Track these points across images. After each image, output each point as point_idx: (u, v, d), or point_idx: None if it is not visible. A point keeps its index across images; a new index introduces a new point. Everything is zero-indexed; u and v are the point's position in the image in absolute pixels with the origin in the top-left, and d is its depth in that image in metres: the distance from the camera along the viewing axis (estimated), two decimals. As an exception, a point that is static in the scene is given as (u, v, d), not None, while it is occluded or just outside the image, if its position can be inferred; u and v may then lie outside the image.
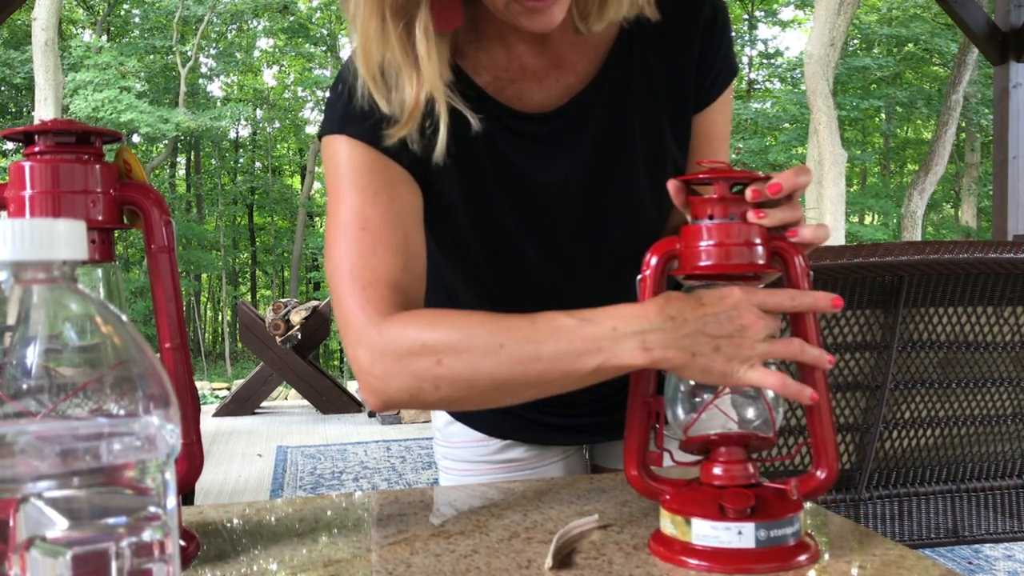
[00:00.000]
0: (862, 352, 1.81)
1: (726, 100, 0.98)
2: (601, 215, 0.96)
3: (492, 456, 1.15)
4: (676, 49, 0.93)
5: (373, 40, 0.80)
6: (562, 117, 0.92)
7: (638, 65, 0.93)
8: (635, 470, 0.77)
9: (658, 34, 0.91)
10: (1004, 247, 1.68)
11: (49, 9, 11.40)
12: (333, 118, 0.89)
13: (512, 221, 0.95)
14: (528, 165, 0.93)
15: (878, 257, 1.67)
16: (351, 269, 0.84)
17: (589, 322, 0.74)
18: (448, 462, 1.19)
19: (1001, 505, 1.96)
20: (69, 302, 0.43)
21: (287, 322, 6.52)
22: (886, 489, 1.92)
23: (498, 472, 1.16)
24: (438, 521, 0.83)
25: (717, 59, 0.95)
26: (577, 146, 0.93)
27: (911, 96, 17.18)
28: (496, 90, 0.92)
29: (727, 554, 0.69)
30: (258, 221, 21.90)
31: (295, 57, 19.97)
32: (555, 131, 0.93)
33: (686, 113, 0.96)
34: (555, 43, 0.91)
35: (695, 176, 0.74)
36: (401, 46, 0.80)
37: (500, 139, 0.92)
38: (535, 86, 0.92)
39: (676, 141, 0.97)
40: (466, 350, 0.77)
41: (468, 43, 0.91)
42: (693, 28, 0.93)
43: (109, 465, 0.41)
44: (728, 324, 0.70)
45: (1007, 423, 1.90)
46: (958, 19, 5.10)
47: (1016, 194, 5.04)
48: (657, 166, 0.95)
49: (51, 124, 0.69)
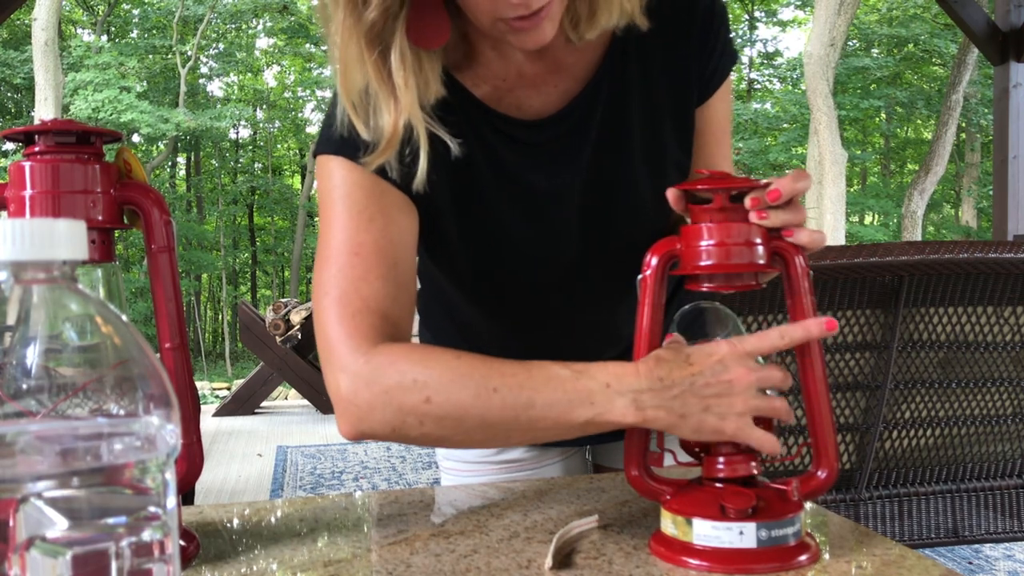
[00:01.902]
0: (862, 352, 1.81)
1: (726, 89, 0.98)
2: (603, 217, 0.96)
3: (492, 457, 1.16)
4: (674, 45, 0.93)
5: (352, 66, 0.79)
6: (561, 122, 0.92)
7: (636, 65, 0.92)
8: (636, 470, 0.77)
9: (656, 32, 0.90)
10: (1004, 247, 1.68)
11: (49, 9, 11.40)
12: (330, 138, 0.87)
13: (514, 229, 0.95)
14: (528, 172, 0.92)
15: (878, 257, 1.67)
16: (339, 296, 0.83)
17: (583, 375, 0.75)
18: (449, 463, 1.19)
19: (1001, 505, 1.96)
20: (69, 302, 0.43)
21: (287, 322, 6.51)
22: (886, 489, 1.92)
23: (498, 472, 1.16)
24: (438, 521, 0.83)
25: (716, 50, 0.94)
26: (577, 150, 0.93)
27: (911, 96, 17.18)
28: (495, 100, 0.91)
29: (728, 554, 0.69)
30: (258, 221, 21.90)
31: (295, 57, 19.96)
32: (554, 136, 0.92)
33: (688, 109, 0.96)
34: (552, 49, 0.90)
35: (693, 185, 0.74)
36: (377, 73, 0.79)
37: (500, 149, 0.91)
38: (533, 93, 0.92)
39: (678, 139, 0.96)
40: (457, 391, 0.76)
41: (463, 56, 0.90)
42: (690, 23, 0.92)
43: (109, 465, 0.41)
44: (716, 382, 0.71)
45: (1007, 423, 1.90)
46: (958, 19, 5.10)
47: (1016, 194, 5.04)
48: (658, 166, 0.95)
49: (51, 124, 0.68)
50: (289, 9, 18.29)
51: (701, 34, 0.93)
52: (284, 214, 21.16)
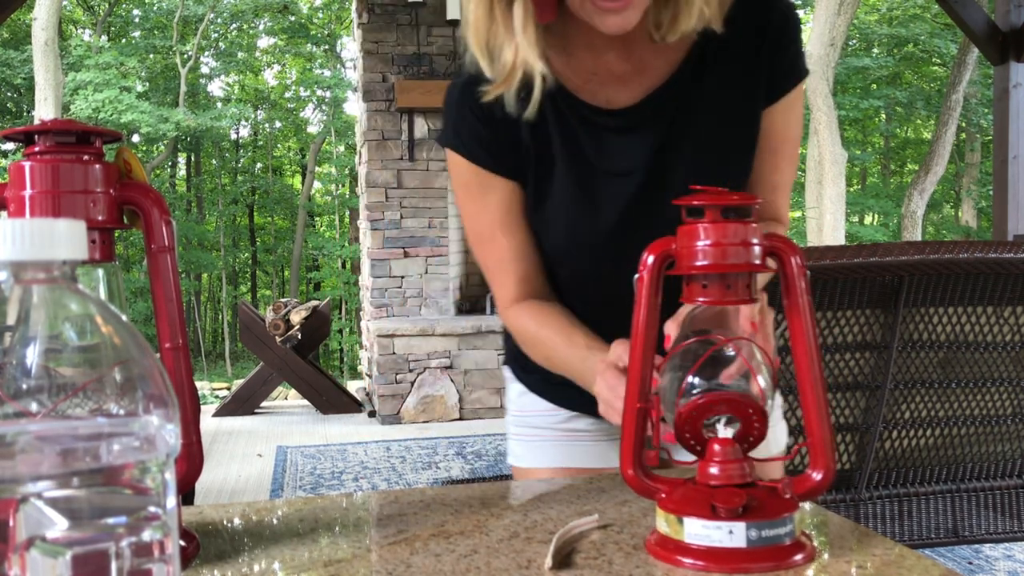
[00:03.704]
0: (862, 352, 1.81)
1: (795, 100, 1.08)
2: (656, 203, 1.06)
3: (560, 424, 1.24)
4: (748, 51, 1.04)
5: (481, 19, 0.98)
6: (638, 112, 1.05)
7: (712, 67, 1.04)
8: (632, 469, 0.77)
9: (732, 41, 1.02)
10: (1004, 247, 1.68)
11: (49, 9, 11.40)
12: (446, 128, 1.11)
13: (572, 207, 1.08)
14: (598, 154, 1.06)
15: (878, 257, 1.67)
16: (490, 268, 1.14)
17: (587, 360, 1.02)
18: (519, 428, 1.29)
19: (1001, 505, 1.96)
20: (69, 302, 0.43)
21: (287, 322, 6.51)
22: (886, 489, 1.92)
23: (565, 440, 1.24)
24: (438, 521, 0.83)
25: (786, 59, 1.06)
26: (646, 138, 1.05)
27: (911, 96, 17.16)
28: (581, 90, 1.05)
29: (721, 553, 0.69)
30: (258, 221, 21.89)
31: (295, 57, 19.96)
32: (630, 125, 1.05)
33: (755, 115, 1.07)
34: (639, 49, 1.03)
35: (688, 201, 0.74)
36: (504, 22, 0.97)
37: (577, 130, 1.05)
38: (619, 88, 1.05)
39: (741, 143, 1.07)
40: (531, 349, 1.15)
41: (560, 51, 1.05)
42: (764, 31, 1.04)
43: (109, 465, 0.41)
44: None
45: (1007, 423, 1.90)
46: (958, 19, 5.10)
47: (1016, 194, 5.04)
48: (717, 166, 1.06)
49: (51, 124, 0.68)
50: (289, 9, 18.29)
51: (773, 42, 1.04)
52: (284, 214, 21.14)
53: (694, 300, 0.74)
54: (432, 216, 6.27)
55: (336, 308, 17.20)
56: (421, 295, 6.32)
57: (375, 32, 6.17)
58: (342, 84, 17.57)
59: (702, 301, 0.74)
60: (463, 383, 6.00)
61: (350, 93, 17.26)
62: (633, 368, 0.77)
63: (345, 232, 18.49)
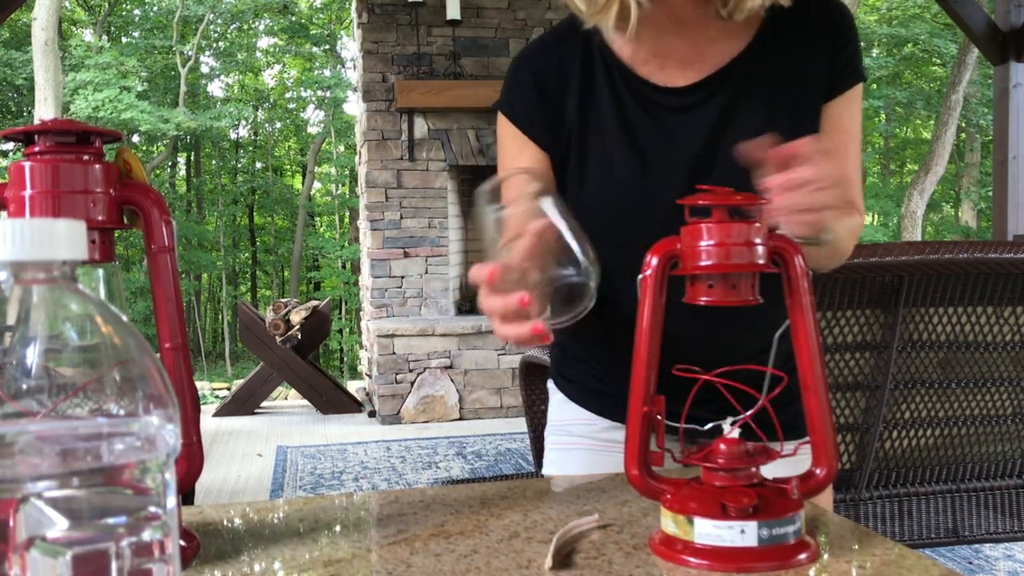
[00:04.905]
0: (862, 352, 1.81)
1: (853, 99, 1.10)
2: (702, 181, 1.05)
3: (598, 434, 1.23)
4: (808, 47, 1.06)
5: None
6: (694, 93, 1.07)
7: (772, 56, 1.07)
8: (636, 469, 0.77)
9: (795, 31, 1.06)
10: (1004, 247, 1.68)
11: (49, 9, 11.39)
12: (501, 93, 1.14)
13: (618, 182, 1.08)
14: (650, 130, 1.08)
15: (878, 257, 1.67)
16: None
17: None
18: (557, 437, 1.27)
19: (1001, 505, 1.96)
20: (69, 302, 0.43)
21: (287, 322, 6.51)
22: (886, 489, 1.92)
23: (600, 449, 1.22)
24: (438, 521, 0.83)
25: (843, 58, 1.08)
26: (699, 118, 1.07)
27: (911, 96, 17.16)
28: (640, 68, 1.08)
29: (729, 553, 0.69)
30: (258, 221, 21.88)
31: (295, 57, 19.95)
32: (685, 105, 1.07)
33: (812, 106, 1.08)
34: (703, 35, 1.07)
35: (694, 201, 0.74)
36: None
37: (630, 106, 1.08)
38: (678, 70, 1.08)
39: (795, 132, 1.06)
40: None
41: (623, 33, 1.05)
42: (824, 29, 1.07)
43: (109, 465, 0.41)
44: None
45: (1007, 423, 1.90)
46: (958, 19, 5.10)
47: (1016, 194, 5.04)
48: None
49: (51, 124, 0.68)
50: (289, 9, 18.29)
51: (832, 41, 1.07)
52: (284, 214, 21.13)
53: (698, 300, 0.74)
54: (432, 216, 6.27)
55: (336, 308, 17.20)
56: (421, 295, 6.32)
57: (375, 32, 6.17)
58: (342, 84, 17.56)
59: (706, 301, 0.74)
60: (463, 383, 6.00)
61: (350, 93, 17.24)
62: (637, 370, 0.77)
63: (345, 232, 18.49)
